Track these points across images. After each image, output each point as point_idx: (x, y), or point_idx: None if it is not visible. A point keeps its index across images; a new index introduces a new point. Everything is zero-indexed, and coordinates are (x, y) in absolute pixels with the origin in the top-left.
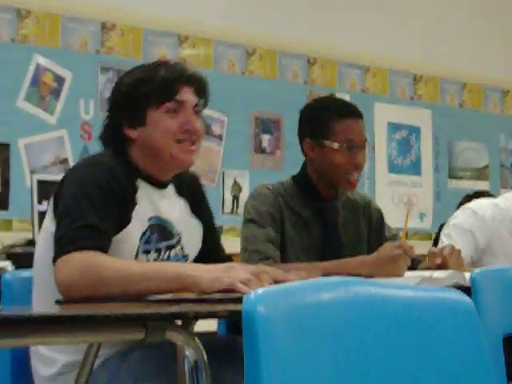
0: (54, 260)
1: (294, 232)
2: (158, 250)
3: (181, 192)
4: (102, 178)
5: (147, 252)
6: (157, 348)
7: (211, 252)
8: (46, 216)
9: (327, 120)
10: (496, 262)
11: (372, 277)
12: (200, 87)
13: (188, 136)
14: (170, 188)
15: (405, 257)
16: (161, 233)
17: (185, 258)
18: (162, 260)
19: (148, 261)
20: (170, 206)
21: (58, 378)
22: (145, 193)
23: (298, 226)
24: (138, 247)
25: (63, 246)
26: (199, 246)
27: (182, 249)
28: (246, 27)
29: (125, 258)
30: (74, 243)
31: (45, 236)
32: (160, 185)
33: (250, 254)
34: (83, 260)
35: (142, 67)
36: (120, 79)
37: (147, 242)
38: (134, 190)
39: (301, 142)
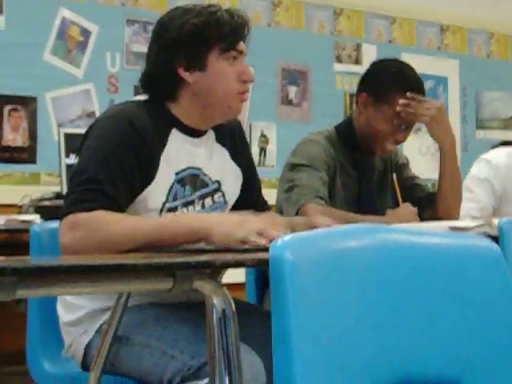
0: (60, 219)
1: (340, 182)
2: (192, 202)
3: (221, 139)
4: (124, 134)
5: (173, 209)
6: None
7: (251, 200)
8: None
9: (392, 89)
10: None
11: None
12: (248, 38)
13: (244, 86)
14: (209, 135)
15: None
16: (193, 183)
17: (226, 204)
18: (198, 211)
19: None
20: (207, 153)
21: (81, 323)
22: (178, 143)
23: (342, 176)
24: (164, 205)
25: (69, 205)
26: (237, 192)
27: (223, 195)
28: None
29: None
30: (80, 204)
31: None
32: (196, 134)
33: (304, 194)
34: (88, 219)
35: (202, 8)
36: (176, 18)
37: (174, 198)
38: (163, 142)
39: (358, 93)
